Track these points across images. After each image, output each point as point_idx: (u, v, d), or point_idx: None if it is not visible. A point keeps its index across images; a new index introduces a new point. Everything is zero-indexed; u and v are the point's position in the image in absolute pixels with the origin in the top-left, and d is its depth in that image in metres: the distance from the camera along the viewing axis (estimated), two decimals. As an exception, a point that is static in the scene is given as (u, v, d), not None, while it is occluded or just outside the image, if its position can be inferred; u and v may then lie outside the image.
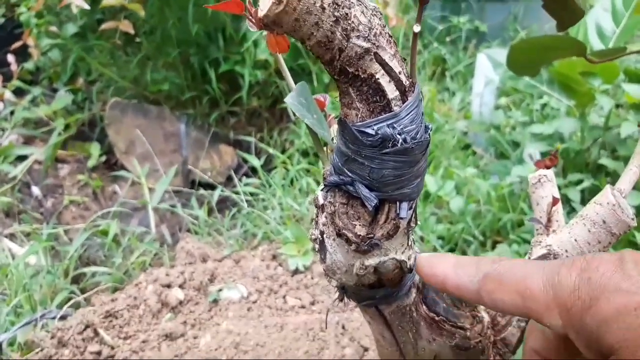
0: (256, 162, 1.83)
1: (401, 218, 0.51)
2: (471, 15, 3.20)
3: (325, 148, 0.69)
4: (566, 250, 0.67)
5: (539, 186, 0.73)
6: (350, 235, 0.53)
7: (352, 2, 0.45)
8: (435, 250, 1.46)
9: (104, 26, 2.07)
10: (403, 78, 0.48)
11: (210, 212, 1.75)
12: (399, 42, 2.94)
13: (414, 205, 0.54)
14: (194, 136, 2.30)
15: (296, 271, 1.43)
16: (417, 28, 0.50)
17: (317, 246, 0.59)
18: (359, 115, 0.48)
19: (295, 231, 1.51)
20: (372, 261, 0.54)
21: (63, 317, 1.25)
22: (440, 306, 0.64)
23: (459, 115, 2.56)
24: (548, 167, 0.77)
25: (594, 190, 1.54)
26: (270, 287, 1.35)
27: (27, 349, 1.19)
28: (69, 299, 1.35)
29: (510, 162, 1.85)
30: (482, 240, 1.55)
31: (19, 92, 2.53)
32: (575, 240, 0.66)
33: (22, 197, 2.07)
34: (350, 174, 0.51)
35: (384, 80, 0.47)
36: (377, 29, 0.46)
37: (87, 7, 1.77)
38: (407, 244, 0.58)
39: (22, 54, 2.46)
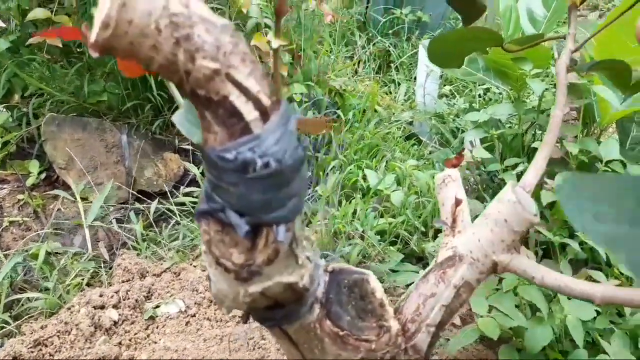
0: (196, 171, 1.79)
1: (280, 241, 0.49)
2: (413, 6, 3.20)
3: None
4: (471, 251, 0.66)
5: (444, 187, 0.72)
6: (228, 263, 0.50)
7: (194, 21, 0.42)
8: (373, 247, 1.45)
9: (31, 40, 1.99)
10: (263, 97, 0.46)
11: (150, 225, 1.71)
12: (341, 37, 2.92)
13: (292, 227, 0.52)
14: (136, 146, 2.24)
15: (238, 279, 1.40)
16: (275, 44, 0.48)
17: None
18: (217, 140, 0.46)
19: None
20: (255, 288, 0.52)
21: (-8, 349, 1.20)
22: (345, 319, 0.63)
23: (405, 105, 2.56)
24: (455, 166, 0.76)
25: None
26: (210, 298, 1.32)
27: (-45, 386, 1.14)
28: (1, 328, 1.30)
29: (450, 150, 1.85)
30: (423, 231, 1.55)
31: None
32: (479, 240, 0.65)
33: (-43, 222, 2.00)
34: (220, 200, 0.48)
35: (240, 102, 0.45)
36: (226, 47, 0.44)
37: (2, 25, 1.70)
38: (297, 264, 0.56)
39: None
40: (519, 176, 1.53)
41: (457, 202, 0.68)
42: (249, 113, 0.45)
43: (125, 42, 0.41)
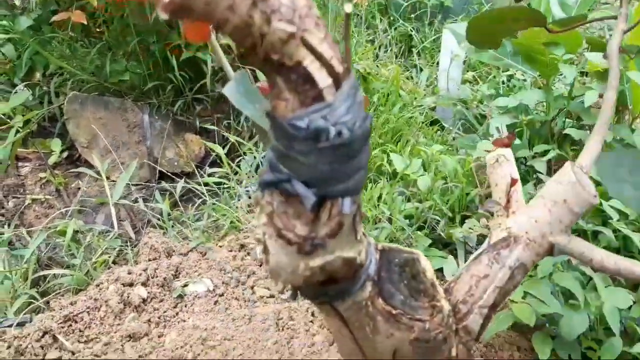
0: (220, 151, 1.78)
1: (345, 214, 0.48)
2: (436, -11, 3.15)
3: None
4: (527, 232, 0.64)
5: (497, 166, 0.70)
6: (290, 236, 0.49)
7: (271, -18, 0.41)
8: (402, 230, 1.44)
9: (55, 18, 2.00)
10: (336, 64, 0.44)
11: (175, 204, 1.71)
12: (364, 21, 2.89)
13: (358, 199, 0.50)
14: (158, 126, 2.23)
15: (265, 260, 1.40)
16: (348, 8, 0.47)
17: (261, 247, 0.56)
18: (289, 107, 0.44)
19: (263, 220, 1.47)
20: (317, 262, 0.51)
21: (21, 324, 1.20)
22: (398, 298, 0.61)
23: (427, 91, 2.53)
24: (507, 146, 0.74)
25: (559, 160, 1.53)
26: (238, 278, 1.32)
27: (-16, 360, 1.15)
28: (29, 304, 1.30)
29: (477, 136, 1.83)
30: (450, 216, 1.53)
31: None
32: (536, 221, 0.64)
33: (-20, 199, 2.00)
34: (286, 171, 0.47)
35: (314, 67, 0.43)
36: (302, 10, 0.42)
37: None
38: (356, 239, 0.55)
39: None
40: (548, 163, 1.51)
41: (513, 182, 0.67)
42: (323, 80, 0.43)
43: (201, 2, 0.39)
